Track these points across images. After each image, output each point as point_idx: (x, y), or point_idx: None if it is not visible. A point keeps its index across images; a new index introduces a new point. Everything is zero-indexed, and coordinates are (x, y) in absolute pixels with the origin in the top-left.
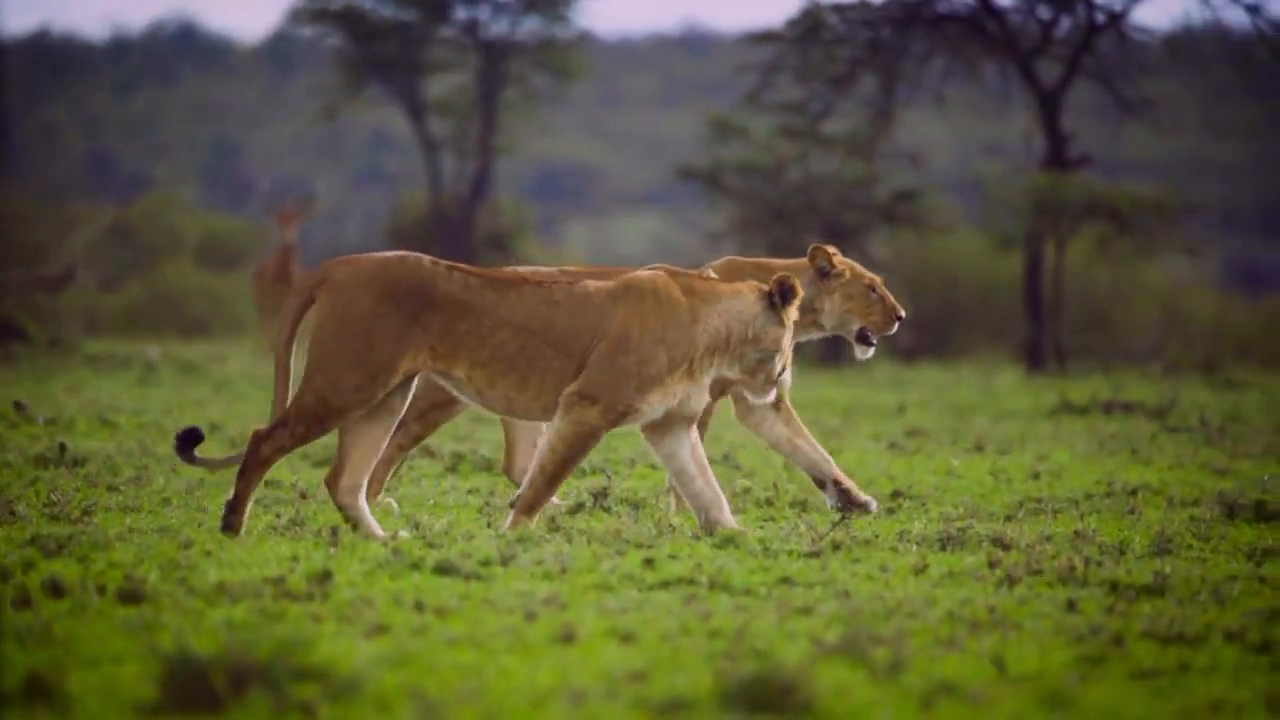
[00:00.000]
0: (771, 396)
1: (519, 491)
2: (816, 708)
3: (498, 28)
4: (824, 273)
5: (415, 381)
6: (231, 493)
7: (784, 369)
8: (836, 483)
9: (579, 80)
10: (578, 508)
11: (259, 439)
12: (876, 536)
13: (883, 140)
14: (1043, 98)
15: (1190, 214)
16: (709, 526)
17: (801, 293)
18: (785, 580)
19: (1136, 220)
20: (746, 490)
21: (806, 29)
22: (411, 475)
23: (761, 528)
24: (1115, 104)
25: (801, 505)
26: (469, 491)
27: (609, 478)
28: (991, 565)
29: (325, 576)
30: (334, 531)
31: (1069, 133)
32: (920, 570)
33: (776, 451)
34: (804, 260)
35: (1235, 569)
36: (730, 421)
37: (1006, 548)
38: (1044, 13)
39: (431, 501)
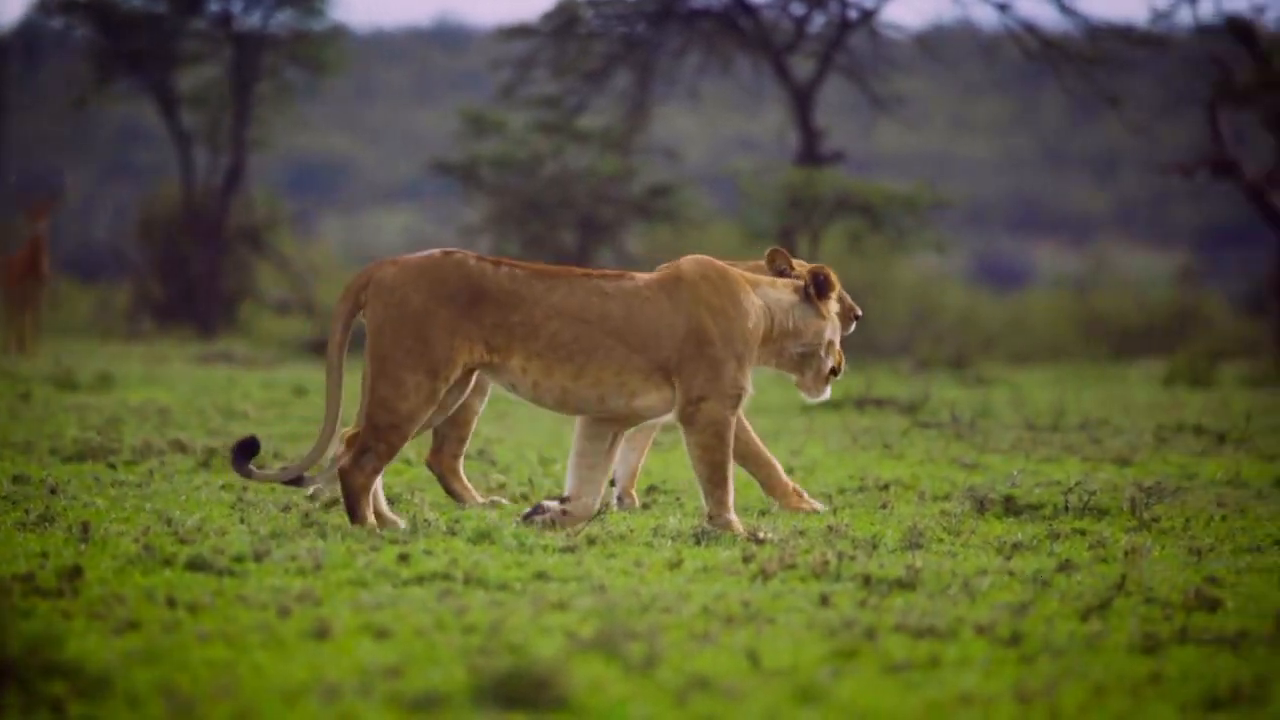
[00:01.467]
0: (825, 395)
1: (707, 512)
2: (571, 703)
3: (250, 20)
4: (781, 273)
5: (474, 376)
6: (353, 524)
7: (836, 367)
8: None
9: (334, 74)
10: (332, 503)
11: (346, 473)
12: (631, 531)
13: (638, 135)
14: (796, 94)
15: (940, 210)
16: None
17: (838, 285)
18: (540, 575)
19: (888, 216)
20: (502, 485)
21: (561, 24)
22: (163, 471)
23: (516, 523)
24: (867, 100)
25: (558, 500)
26: (222, 487)
27: None
28: (745, 560)
29: (75, 573)
30: (84, 528)
31: (822, 129)
32: (675, 565)
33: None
34: (761, 263)
35: (985, 563)
36: (486, 417)
37: (761, 542)
38: (797, 9)
39: (183, 497)
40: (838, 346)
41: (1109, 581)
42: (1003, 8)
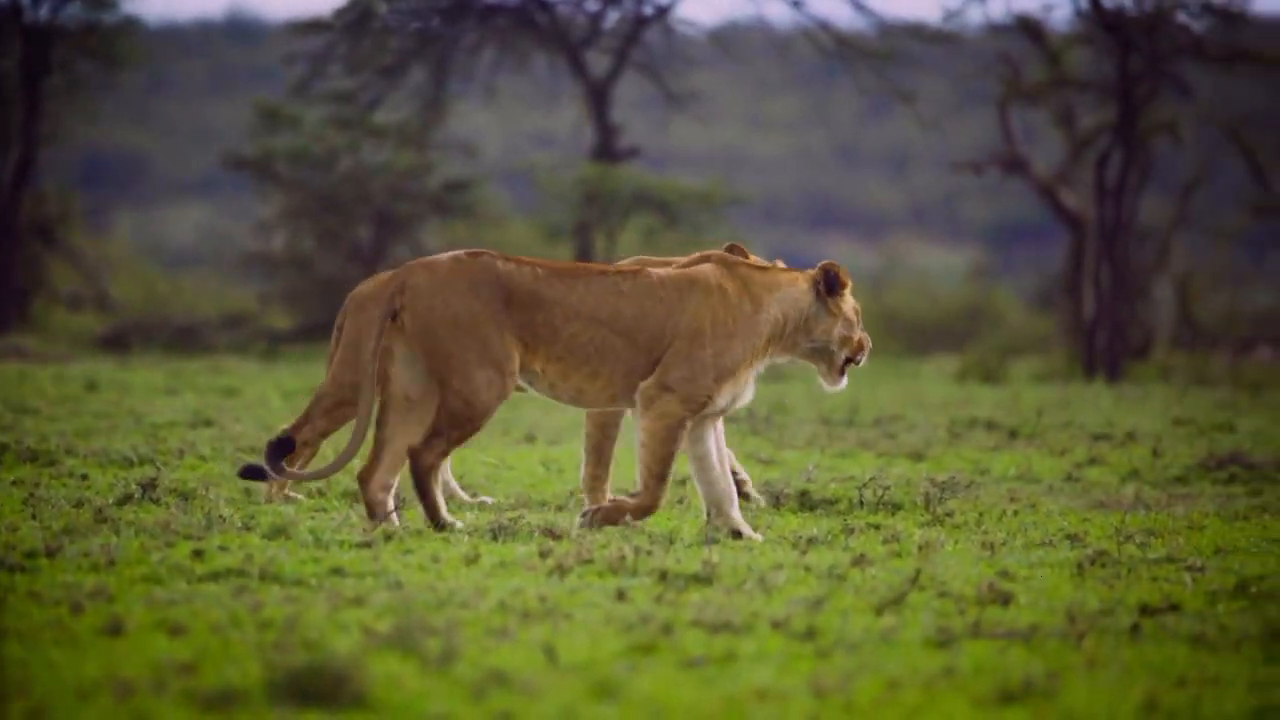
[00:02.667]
0: (842, 386)
1: (631, 494)
2: (368, 699)
3: (40, 13)
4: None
5: None
6: (423, 511)
7: (852, 358)
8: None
9: (126, 67)
10: (125, 499)
11: (416, 453)
12: (428, 526)
13: (434, 131)
14: (592, 90)
15: (735, 206)
16: (713, 517)
17: (850, 282)
18: (337, 571)
19: (683, 212)
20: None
21: (355, 18)
22: None
23: (313, 518)
24: (663, 97)
25: (354, 496)
26: (13, 483)
27: (158, 469)
28: (542, 555)
29: None
30: None
31: (618, 125)
32: (472, 560)
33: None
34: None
35: (780, 558)
36: (280, 412)
37: (557, 537)
38: (592, 6)
39: None
40: (854, 339)
41: (903, 576)
42: (796, 5)
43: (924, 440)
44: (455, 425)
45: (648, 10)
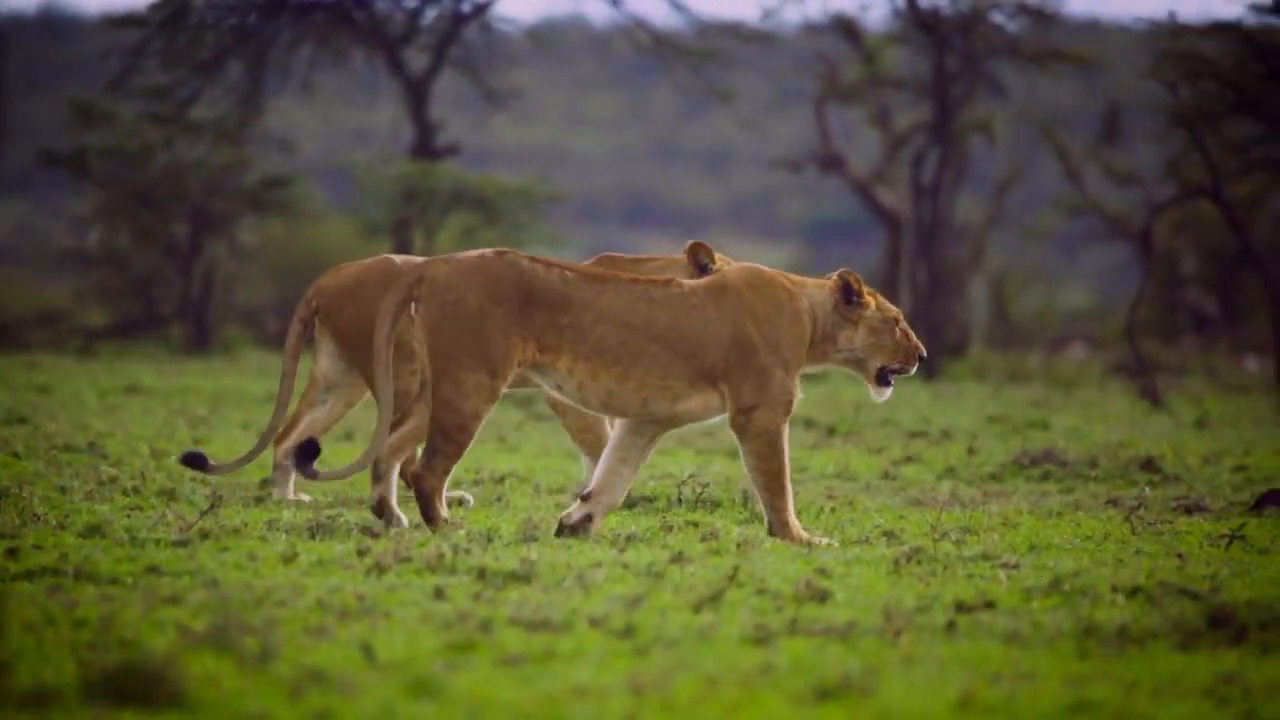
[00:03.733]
0: (886, 396)
1: (767, 521)
2: (185, 698)
3: None
4: (703, 268)
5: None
6: (431, 527)
7: (889, 367)
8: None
9: None
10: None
11: (418, 479)
12: (246, 525)
13: (251, 127)
14: (410, 87)
15: (555, 203)
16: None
17: (868, 293)
18: (152, 569)
19: (503, 209)
20: (113, 479)
21: (170, 14)
22: None
23: (129, 516)
24: (482, 94)
25: (169, 494)
26: None
27: None
28: (360, 553)
29: None
30: None
31: (437, 122)
32: (290, 559)
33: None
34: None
35: (599, 555)
36: (99, 410)
37: (376, 536)
38: (410, 2)
39: None
40: (888, 347)
41: (721, 573)
42: (615, 3)
43: (728, 435)
44: (447, 438)
45: (466, 7)
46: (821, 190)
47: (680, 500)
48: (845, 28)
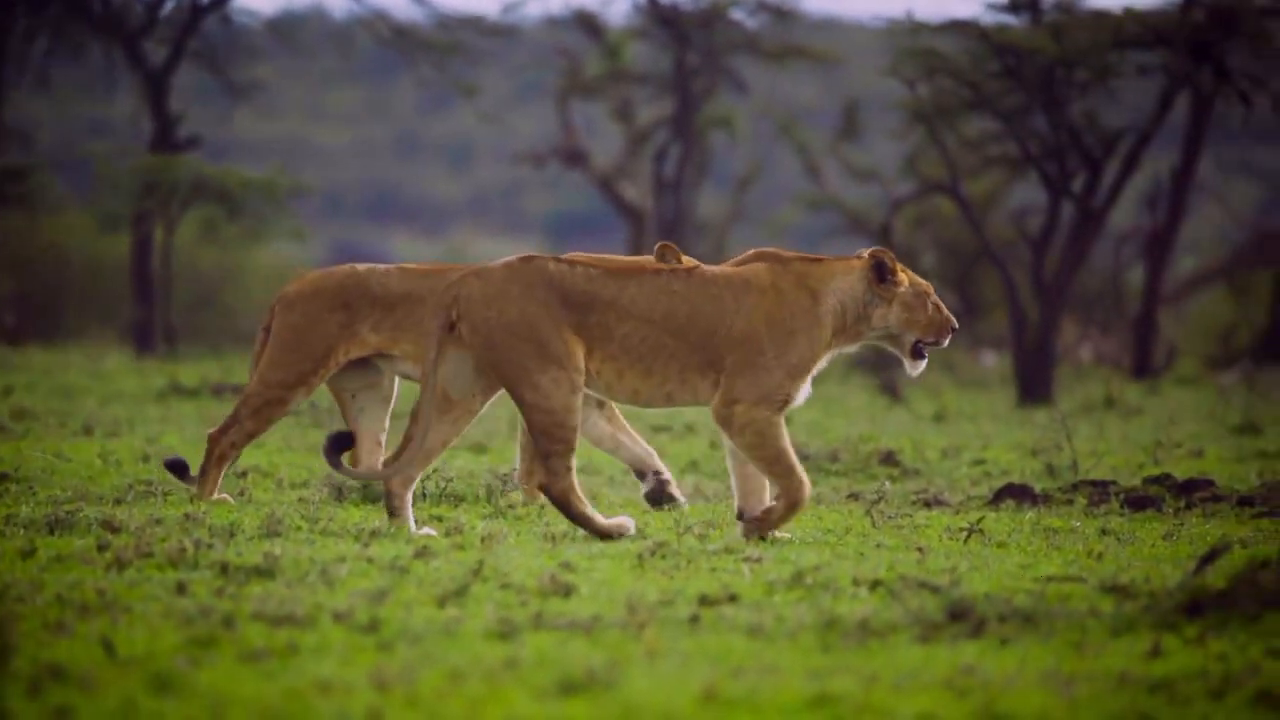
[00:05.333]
0: (920, 369)
1: (768, 506)
2: None
3: None
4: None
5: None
6: (591, 534)
7: (924, 340)
8: (657, 473)
9: None
10: None
11: (548, 487)
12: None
13: None
14: (149, 79)
15: (298, 197)
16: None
17: (900, 269)
18: None
19: (246, 203)
20: None
21: None
22: None
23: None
24: (222, 86)
25: None
26: None
27: None
28: (101, 548)
29: None
30: None
31: (177, 114)
32: (28, 554)
33: (599, 448)
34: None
35: (343, 550)
36: None
37: (116, 530)
38: None
39: None
40: (922, 321)
41: (466, 568)
42: None
43: (486, 433)
44: (551, 438)
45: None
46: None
47: (424, 495)
48: (586, 22)
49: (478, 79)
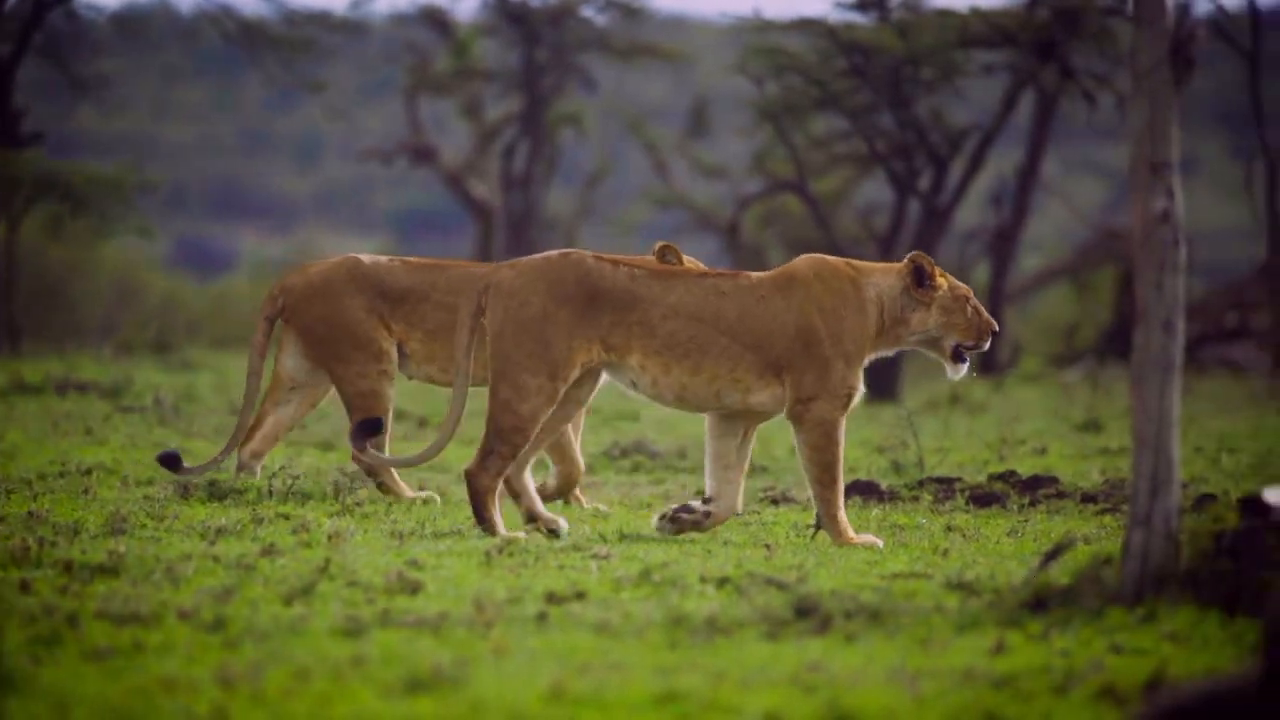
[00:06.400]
0: (962, 373)
1: (817, 512)
2: None
3: None
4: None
5: (602, 373)
6: (483, 531)
7: (964, 344)
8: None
9: None
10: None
11: (472, 475)
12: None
13: None
14: None
15: (144, 193)
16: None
17: (939, 274)
18: None
19: (91, 199)
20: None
21: None
22: None
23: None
24: (67, 81)
25: None
26: None
27: None
28: None
29: None
30: None
31: (21, 109)
32: None
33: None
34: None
35: (189, 548)
36: None
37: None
38: None
39: None
40: (960, 324)
41: (313, 565)
42: None
43: (334, 430)
44: (503, 439)
45: None
46: (412, 182)
47: (271, 492)
48: (435, 19)
49: (325, 75)
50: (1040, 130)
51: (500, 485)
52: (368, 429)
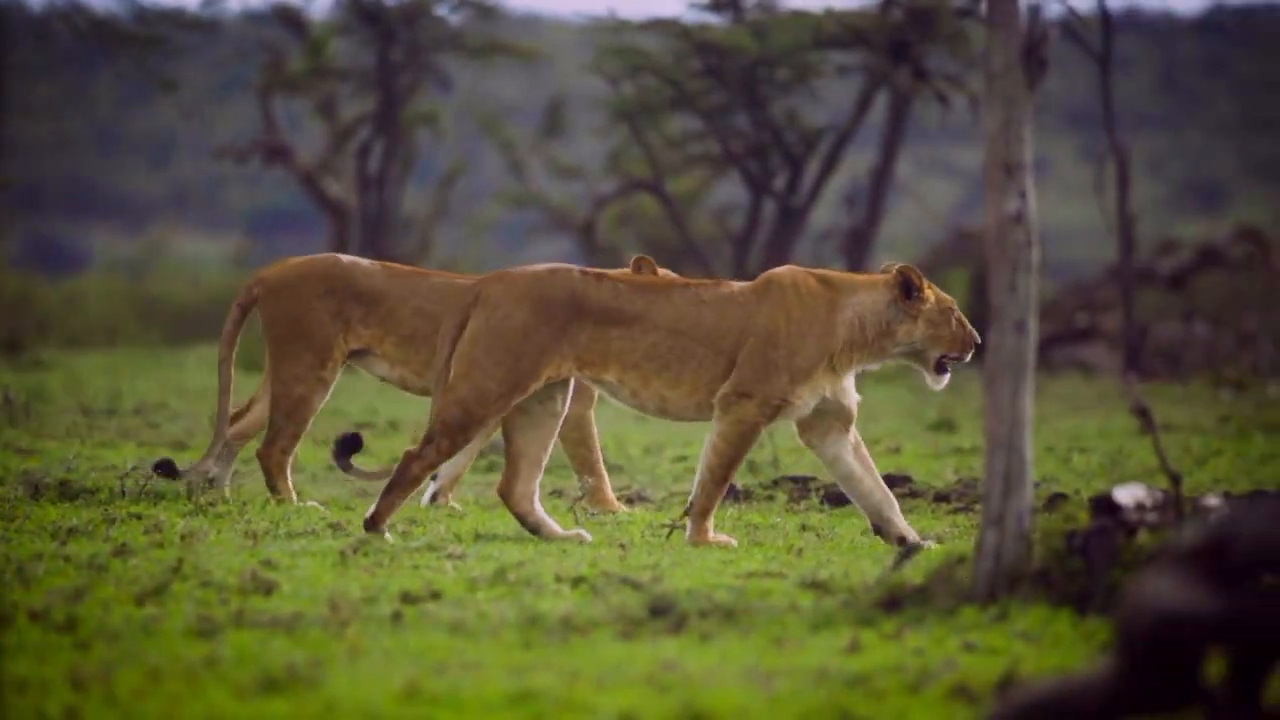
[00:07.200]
0: (943, 384)
1: (690, 499)
2: None
3: None
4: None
5: (572, 382)
6: (372, 509)
7: (947, 356)
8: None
9: None
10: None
11: (411, 458)
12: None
13: None
14: None
15: None
16: (881, 526)
17: (926, 286)
18: None
19: None
20: None
21: None
22: None
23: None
24: None
25: None
26: None
27: None
28: None
29: None
30: None
31: None
32: None
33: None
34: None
35: (40, 548)
36: None
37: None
38: None
39: None
40: (945, 336)
41: (165, 566)
42: None
43: (187, 430)
44: (448, 434)
45: None
46: (266, 181)
47: (124, 492)
48: (288, 17)
49: (178, 73)
50: (894, 131)
51: (530, 512)
52: (348, 446)
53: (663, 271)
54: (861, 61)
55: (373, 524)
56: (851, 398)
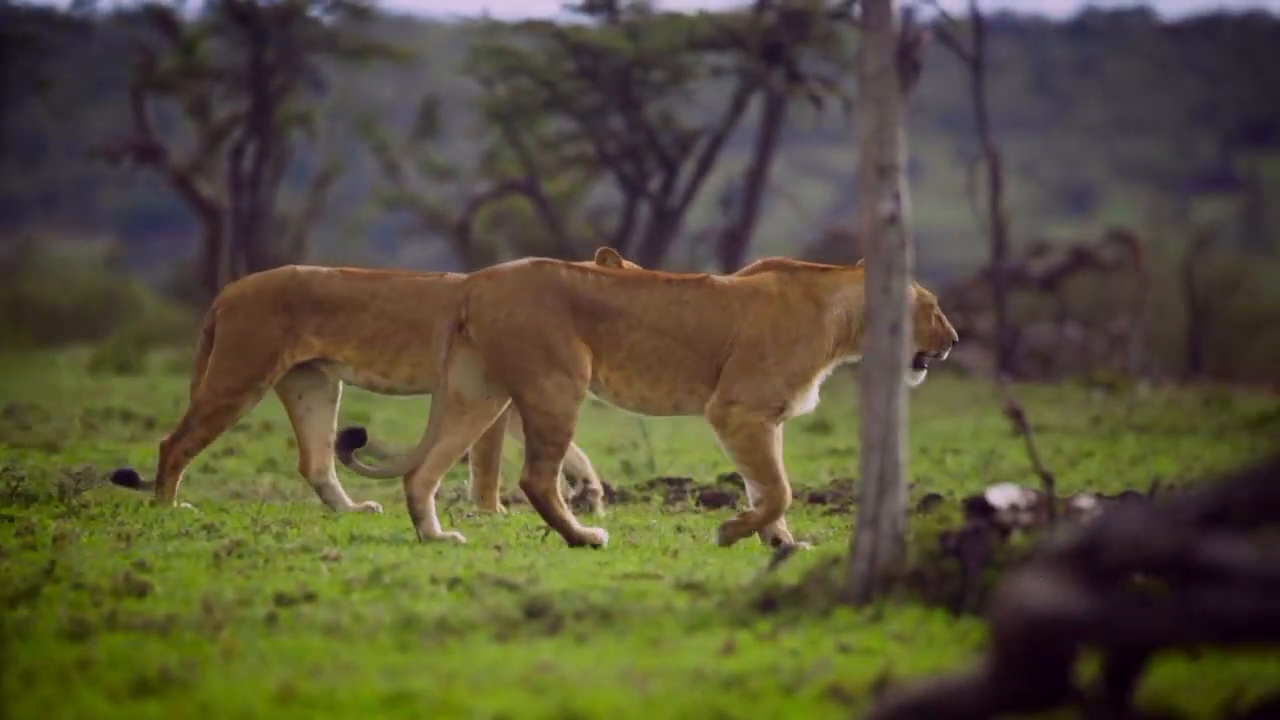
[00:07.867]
0: (919, 380)
1: (749, 510)
2: None
3: None
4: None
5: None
6: (560, 535)
7: (924, 352)
8: (586, 480)
9: None
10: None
11: (528, 485)
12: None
13: None
14: None
15: None
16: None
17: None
18: None
19: None
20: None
21: None
22: None
23: None
24: None
25: None
26: None
27: None
28: None
29: None
30: None
31: None
32: None
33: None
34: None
35: None
36: None
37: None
38: None
39: None
40: (924, 332)
41: (37, 568)
42: None
43: (58, 431)
44: (545, 440)
45: None
46: (139, 181)
47: None
48: (160, 17)
49: (49, 73)
50: (768, 133)
51: (422, 499)
52: (351, 440)
53: (626, 264)
54: (736, 63)
55: (572, 543)
56: (814, 399)
